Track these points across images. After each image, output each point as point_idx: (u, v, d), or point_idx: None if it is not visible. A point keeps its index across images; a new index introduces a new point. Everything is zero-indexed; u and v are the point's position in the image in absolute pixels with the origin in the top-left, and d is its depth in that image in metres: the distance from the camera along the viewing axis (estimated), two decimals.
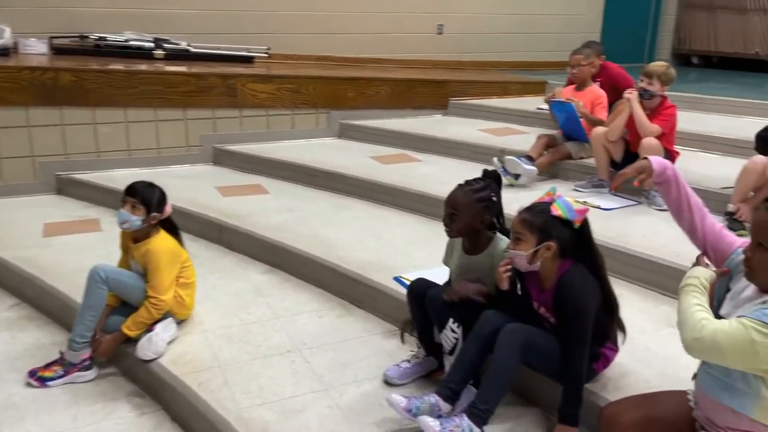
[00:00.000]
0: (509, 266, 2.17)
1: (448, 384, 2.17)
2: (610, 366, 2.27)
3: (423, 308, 2.40)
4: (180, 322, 2.87)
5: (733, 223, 3.41)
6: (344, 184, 4.57)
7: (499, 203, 2.39)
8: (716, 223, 1.96)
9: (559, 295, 2.09)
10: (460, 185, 2.37)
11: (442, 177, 4.40)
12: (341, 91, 5.94)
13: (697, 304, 1.64)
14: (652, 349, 2.49)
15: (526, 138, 5.13)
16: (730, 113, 5.65)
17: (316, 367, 2.60)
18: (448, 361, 2.33)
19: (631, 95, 3.86)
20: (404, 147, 5.38)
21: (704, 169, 4.12)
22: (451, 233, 2.37)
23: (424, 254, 3.38)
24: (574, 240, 2.11)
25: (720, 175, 3.90)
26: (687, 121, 3.91)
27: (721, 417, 1.73)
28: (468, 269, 2.43)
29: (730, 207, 3.46)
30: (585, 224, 2.14)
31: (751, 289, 1.72)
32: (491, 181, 2.38)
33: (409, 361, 2.52)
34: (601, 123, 4.25)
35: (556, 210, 2.09)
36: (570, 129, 4.48)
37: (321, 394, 2.42)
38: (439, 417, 2.10)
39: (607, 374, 2.28)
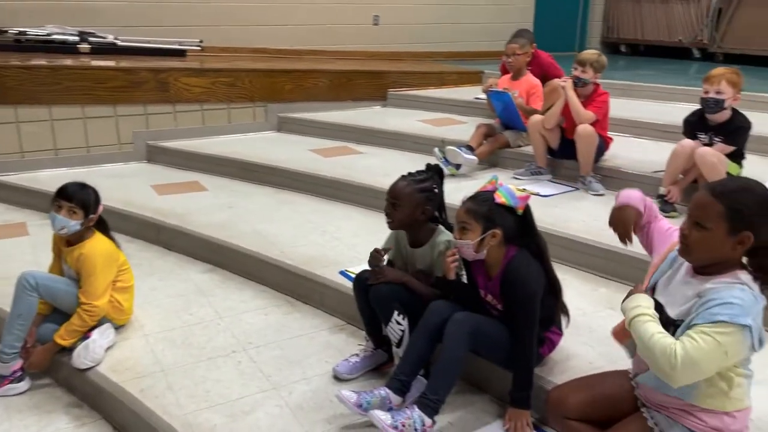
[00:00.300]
0: (456, 256, 2.18)
1: (397, 376, 2.16)
2: (555, 349, 2.31)
3: (369, 301, 2.38)
4: (118, 328, 2.76)
5: (665, 205, 3.53)
6: (285, 179, 4.50)
7: (441, 196, 2.40)
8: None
9: (506, 281, 2.11)
10: (402, 176, 2.38)
11: (385, 169, 4.38)
12: (278, 84, 5.84)
13: (658, 332, 1.64)
14: (595, 330, 2.56)
15: (465, 128, 5.18)
16: (658, 99, 5.86)
17: (264, 366, 2.55)
18: (397, 354, 2.33)
19: (566, 83, 3.94)
20: (345, 139, 5.34)
21: (636, 155, 4.26)
22: (392, 224, 2.37)
23: (370, 247, 3.30)
24: (518, 226, 2.14)
25: (652, 159, 4.04)
26: (619, 107, 4.03)
27: (659, 398, 1.80)
28: (411, 261, 2.43)
29: (662, 190, 3.58)
30: (527, 211, 2.18)
31: (684, 269, 1.78)
32: (434, 173, 2.40)
33: (357, 355, 2.50)
34: (535, 112, 4.33)
35: (500, 198, 2.12)
36: (507, 118, 4.54)
37: (270, 394, 2.37)
38: (390, 410, 2.09)
39: (553, 357, 2.32)
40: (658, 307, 1.78)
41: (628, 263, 2.98)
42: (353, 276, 2.96)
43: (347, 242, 3.48)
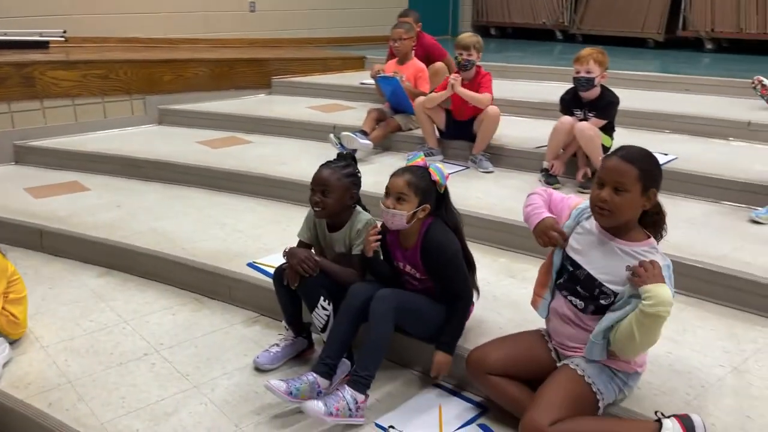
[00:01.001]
0: (378, 236, 2.28)
1: (324, 360, 2.19)
2: (469, 319, 2.44)
3: (291, 292, 2.39)
4: (13, 342, 2.57)
5: (549, 177, 3.80)
6: (174, 173, 4.34)
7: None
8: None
9: (426, 249, 2.23)
10: (324, 164, 2.42)
11: (280, 157, 4.35)
12: (156, 75, 5.59)
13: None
14: (499, 298, 2.72)
15: (355, 113, 5.25)
16: (529, 79, 6.23)
17: (180, 366, 2.49)
18: (322, 338, 2.36)
19: (456, 81, 4.08)
20: (232, 129, 5.22)
21: (518, 132, 4.51)
22: (322, 213, 2.39)
23: (275, 237, 3.34)
24: (437, 203, 2.27)
25: (533, 136, 4.31)
26: (497, 88, 4.26)
27: (577, 344, 1.99)
28: (330, 246, 2.46)
29: (545, 164, 3.84)
30: (446, 189, 2.32)
31: (594, 229, 1.97)
32: (350, 159, 2.45)
33: (278, 344, 2.50)
34: (422, 95, 4.48)
35: (434, 175, 2.24)
36: (396, 102, 4.65)
37: (191, 393, 2.32)
38: (319, 394, 2.13)
39: (467, 326, 2.45)
40: (574, 264, 1.96)
41: (523, 234, 3.16)
42: (263, 267, 2.98)
43: (250, 234, 3.43)
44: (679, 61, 6.96)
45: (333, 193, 2.35)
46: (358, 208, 2.47)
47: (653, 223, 1.95)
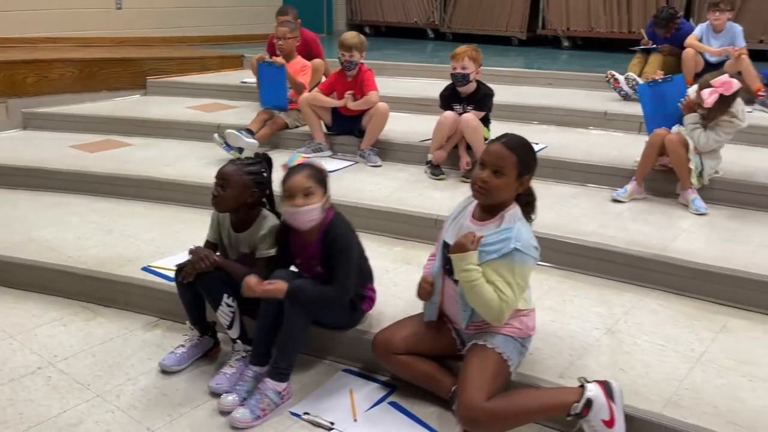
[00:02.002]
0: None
1: (258, 350, 2.27)
2: (373, 307, 2.55)
3: (194, 291, 2.38)
4: None
5: (435, 169, 4.00)
6: (48, 180, 4.10)
7: (269, 181, 2.49)
8: None
9: (327, 240, 2.29)
10: (231, 161, 2.46)
11: (164, 159, 4.23)
12: (17, 77, 5.24)
13: (491, 292, 1.98)
14: (399, 284, 2.86)
15: (238, 112, 5.22)
16: (406, 76, 6.47)
17: (79, 376, 2.39)
18: (229, 336, 2.38)
19: (349, 96, 4.24)
20: (108, 132, 4.99)
21: (401, 127, 4.68)
22: (218, 206, 2.40)
23: (169, 240, 3.27)
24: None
25: (416, 130, 4.50)
26: (378, 85, 4.42)
27: (476, 324, 2.15)
28: (235, 245, 2.47)
29: (430, 156, 4.04)
30: None
31: (467, 214, 2.15)
32: (262, 159, 2.48)
33: (183, 345, 2.47)
34: (303, 87, 4.55)
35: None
36: (271, 93, 4.61)
37: (95, 402, 2.25)
38: (241, 400, 2.18)
39: (371, 314, 2.56)
40: (447, 247, 2.12)
41: (415, 223, 3.35)
42: (159, 271, 2.93)
43: (142, 238, 3.33)
44: (541, 58, 7.51)
45: (231, 188, 2.36)
46: (265, 211, 2.48)
47: (527, 204, 2.14)
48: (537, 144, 4.19)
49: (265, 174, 2.46)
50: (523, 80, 6.08)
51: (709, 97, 3.33)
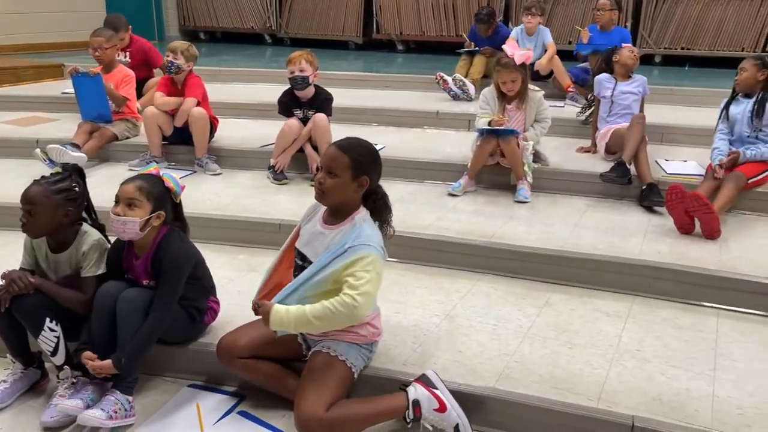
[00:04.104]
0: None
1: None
2: (218, 316, 2.50)
3: (11, 319, 2.18)
4: None
5: (277, 174, 3.99)
6: None
7: (85, 195, 2.33)
8: None
9: (158, 257, 2.20)
10: (35, 180, 2.24)
11: None
12: None
13: (324, 309, 1.95)
14: (244, 292, 2.81)
15: (59, 125, 4.86)
16: (243, 81, 6.39)
17: None
18: (54, 363, 2.22)
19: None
20: None
21: (240, 133, 4.63)
22: (30, 233, 2.21)
23: None
24: (173, 211, 2.29)
25: (255, 135, 4.47)
26: (212, 92, 4.32)
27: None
28: (55, 268, 2.30)
29: (272, 161, 4.02)
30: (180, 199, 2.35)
31: (317, 220, 2.16)
32: (72, 172, 2.31)
33: (5, 380, 2.26)
34: (126, 100, 4.37)
35: (168, 183, 2.24)
36: (92, 105, 4.36)
37: None
38: (90, 404, 2.10)
39: (215, 325, 2.50)
40: (302, 257, 2.13)
41: (258, 229, 3.33)
42: None
43: None
44: (377, 61, 7.74)
45: (40, 213, 2.17)
46: (86, 226, 2.33)
47: (376, 209, 2.15)
48: (377, 145, 4.31)
49: (77, 188, 2.28)
50: (361, 83, 6.24)
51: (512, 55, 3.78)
